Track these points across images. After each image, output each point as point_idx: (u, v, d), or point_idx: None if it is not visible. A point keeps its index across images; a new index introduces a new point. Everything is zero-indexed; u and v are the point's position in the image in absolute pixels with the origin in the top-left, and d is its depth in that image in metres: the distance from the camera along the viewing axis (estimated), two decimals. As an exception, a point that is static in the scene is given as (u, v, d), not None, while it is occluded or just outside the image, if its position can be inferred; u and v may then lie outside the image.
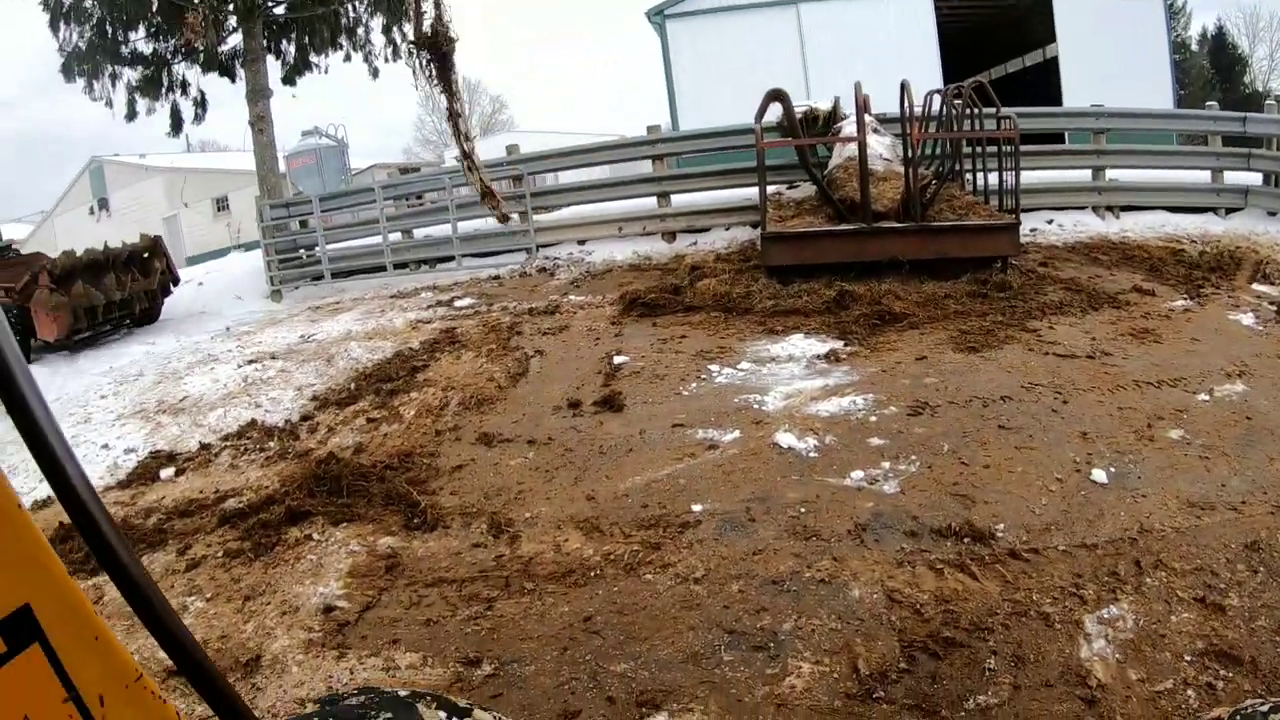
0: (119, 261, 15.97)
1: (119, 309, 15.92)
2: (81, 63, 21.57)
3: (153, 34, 22.02)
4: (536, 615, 4.40)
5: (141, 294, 16.35)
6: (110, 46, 21.56)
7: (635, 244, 14.93)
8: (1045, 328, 8.35)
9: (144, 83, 22.36)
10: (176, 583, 5.41)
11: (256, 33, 21.25)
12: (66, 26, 21.26)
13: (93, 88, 22.06)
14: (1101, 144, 14.58)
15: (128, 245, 16.68)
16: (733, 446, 6.21)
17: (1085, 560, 4.24)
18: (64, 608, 1.18)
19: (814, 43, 26.08)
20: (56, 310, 14.35)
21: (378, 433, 7.70)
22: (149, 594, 1.22)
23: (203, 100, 23.13)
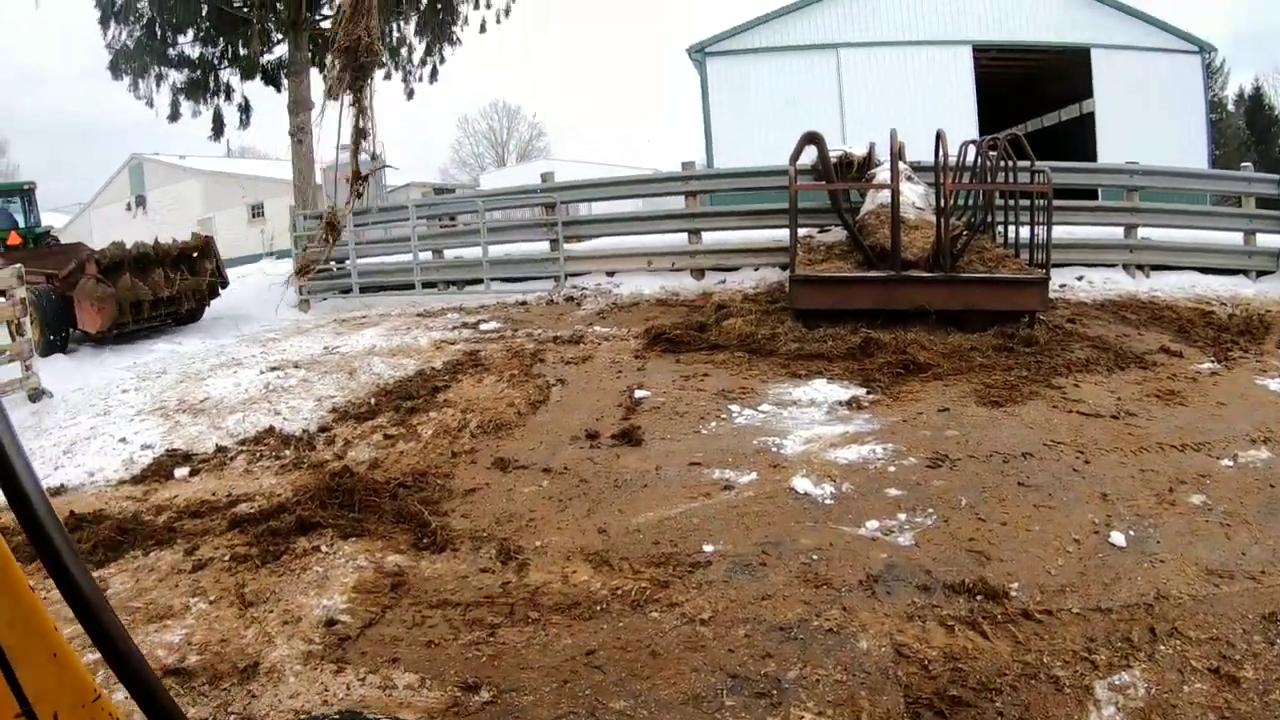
0: (169, 258, 15.91)
1: (165, 306, 15.85)
2: (129, 61, 22.04)
3: (201, 38, 22.48)
4: (539, 645, 4.36)
5: (189, 293, 16.24)
6: (158, 48, 22.05)
7: (664, 279, 14.97)
8: (1070, 385, 8.28)
9: (189, 86, 22.82)
10: (181, 582, 5.40)
11: (302, 45, 21.60)
12: (117, 24, 21.74)
13: (138, 86, 22.57)
14: (1135, 202, 14.57)
15: (179, 242, 16.63)
16: (749, 488, 6.17)
17: (1099, 624, 4.16)
18: (23, 622, 1.16)
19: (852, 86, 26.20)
20: (101, 301, 14.30)
21: (394, 450, 7.71)
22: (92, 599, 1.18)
23: (246, 107, 23.61)
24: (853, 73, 26.35)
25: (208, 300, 17.14)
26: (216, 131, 23.65)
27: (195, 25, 22.07)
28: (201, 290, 16.64)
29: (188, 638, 4.69)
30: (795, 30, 26.71)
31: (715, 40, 26.95)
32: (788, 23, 26.72)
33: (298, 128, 21.85)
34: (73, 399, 10.81)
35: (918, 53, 26.15)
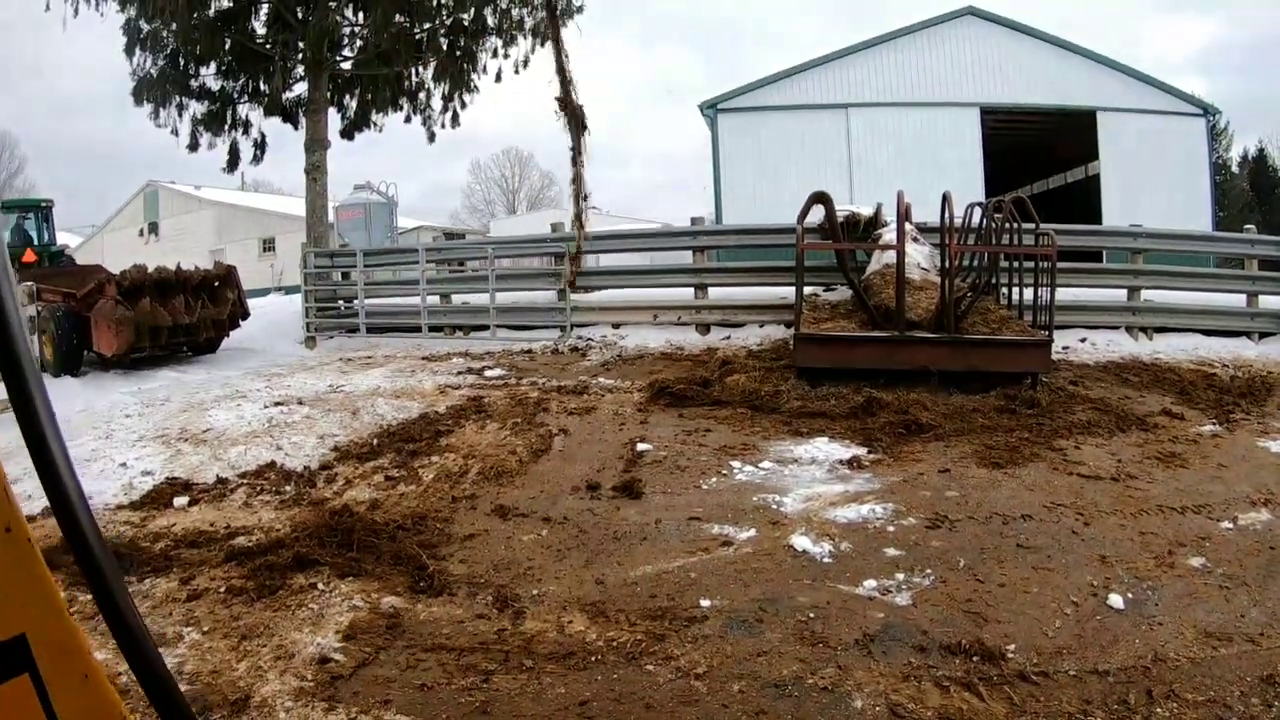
0: (190, 285, 15.70)
1: (184, 334, 15.62)
2: (151, 89, 22.27)
3: (222, 72, 22.79)
4: (532, 694, 4.34)
5: (209, 322, 16.03)
6: (181, 78, 22.42)
7: (669, 333, 15.05)
8: (1071, 447, 8.28)
9: (208, 117, 23.15)
10: (175, 611, 5.40)
11: (322, 84, 21.90)
12: (142, 53, 22.10)
13: (159, 115, 22.90)
14: (1138, 264, 14.72)
15: (201, 270, 16.53)
16: (747, 545, 6.16)
17: (1096, 687, 4.14)
18: (59, 642, 1.19)
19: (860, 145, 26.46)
20: (120, 324, 14.03)
21: (394, 491, 7.72)
22: (131, 621, 1.22)
23: (262, 142, 23.91)
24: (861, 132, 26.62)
25: (227, 330, 16.96)
26: (232, 164, 23.93)
27: (218, 59, 22.38)
28: (222, 320, 16.42)
29: (179, 667, 4.67)
30: (806, 89, 27.01)
31: (727, 97, 27.25)
32: (799, 82, 27.04)
33: (313, 165, 22.09)
34: (75, 420, 10.83)
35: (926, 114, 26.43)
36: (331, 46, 22.31)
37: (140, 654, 1.21)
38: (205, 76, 22.87)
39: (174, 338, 15.45)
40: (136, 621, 1.21)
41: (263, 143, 23.91)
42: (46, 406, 1.17)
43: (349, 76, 23.73)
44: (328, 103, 22.64)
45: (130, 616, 1.20)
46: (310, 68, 22.07)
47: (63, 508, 1.16)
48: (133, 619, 1.21)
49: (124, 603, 1.20)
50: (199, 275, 16.14)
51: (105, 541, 1.18)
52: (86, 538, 1.17)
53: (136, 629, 1.21)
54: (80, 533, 1.17)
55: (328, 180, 22.70)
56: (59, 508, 1.16)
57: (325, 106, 22.37)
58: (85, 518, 1.17)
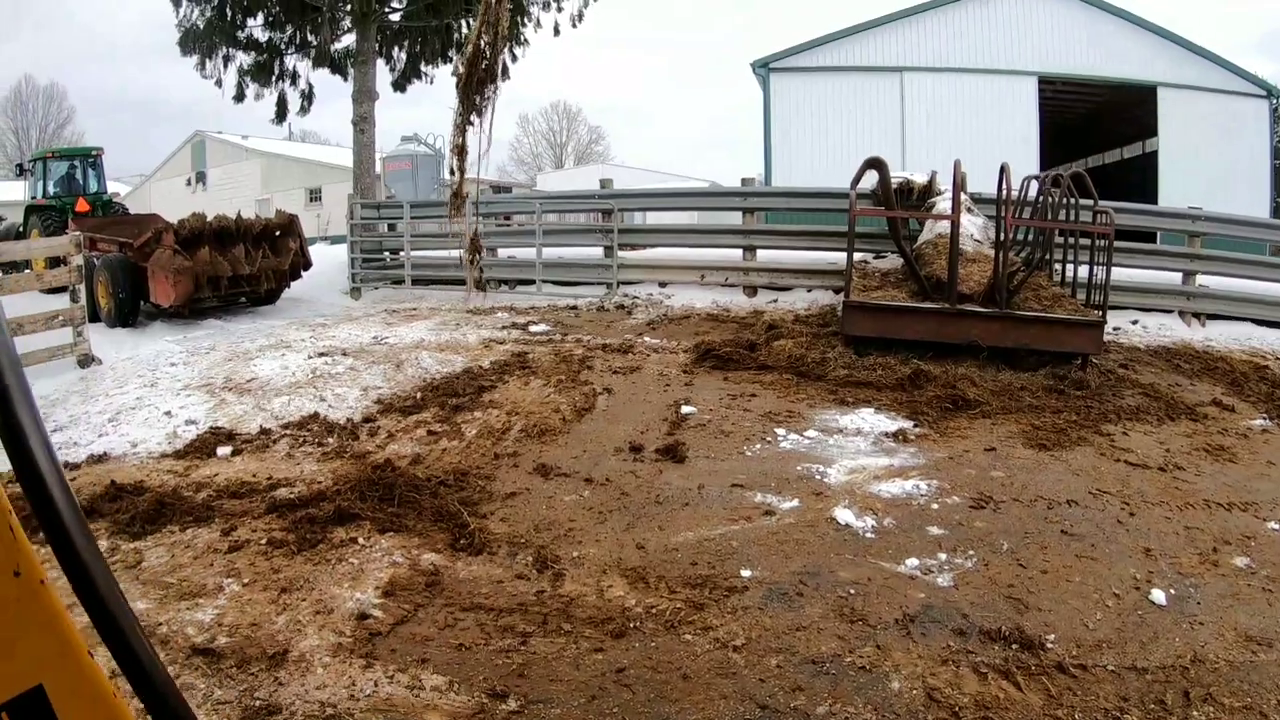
0: (251, 234, 15.35)
1: (244, 284, 15.28)
2: (198, 40, 22.26)
3: (270, 23, 22.72)
4: (570, 658, 4.36)
5: (270, 272, 15.68)
6: (228, 29, 22.32)
7: (716, 294, 14.98)
8: (1119, 433, 8.18)
9: (255, 69, 23.09)
10: (216, 562, 5.48)
11: (370, 36, 21.80)
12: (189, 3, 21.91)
13: (205, 66, 22.83)
14: (1196, 248, 14.36)
15: (262, 219, 16.22)
16: (790, 515, 6.15)
17: (1133, 683, 4.10)
18: (79, 690, 1.16)
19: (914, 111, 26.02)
20: (178, 274, 13.73)
21: (437, 446, 7.77)
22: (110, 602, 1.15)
23: (310, 93, 23.80)
24: (916, 97, 26.18)
25: (288, 281, 16.69)
26: (280, 115, 23.91)
27: (265, 9, 22.36)
28: (283, 270, 16.08)
29: (219, 618, 4.76)
30: (861, 51, 26.58)
31: (780, 56, 26.85)
32: (854, 43, 26.60)
33: (361, 117, 22.09)
34: (121, 368, 10.96)
35: (983, 81, 25.93)
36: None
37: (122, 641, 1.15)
38: (252, 27, 22.86)
39: (234, 288, 15.14)
40: (121, 608, 1.15)
41: (310, 94, 23.89)
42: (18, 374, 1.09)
43: (398, 28, 23.63)
44: (376, 54, 22.56)
45: (113, 602, 1.14)
46: (358, 19, 21.99)
47: (32, 481, 1.09)
48: (116, 604, 1.15)
49: (105, 587, 1.14)
50: (260, 224, 15.82)
51: (84, 521, 1.12)
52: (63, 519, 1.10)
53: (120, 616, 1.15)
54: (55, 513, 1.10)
55: (375, 132, 22.69)
56: (27, 481, 1.08)
57: (373, 58, 22.30)
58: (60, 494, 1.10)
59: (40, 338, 10.73)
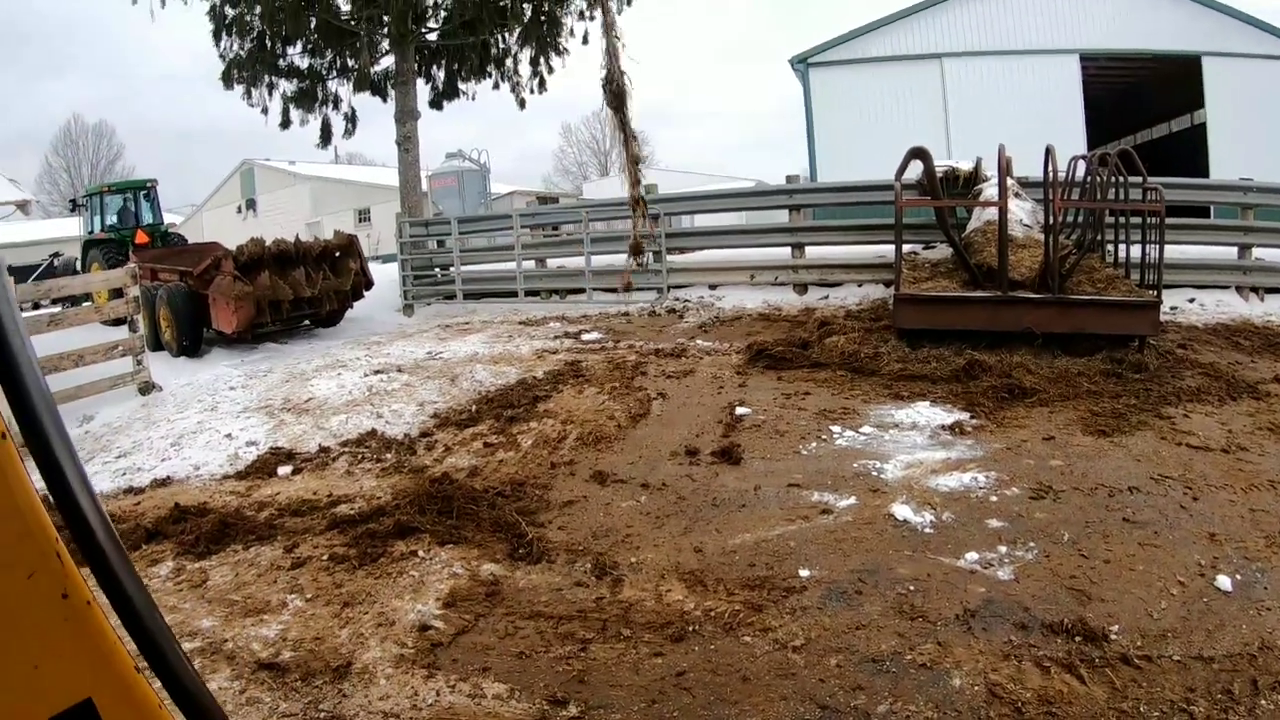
0: (310, 256, 15.30)
1: (306, 307, 15.27)
2: (241, 71, 22.59)
3: (309, 50, 23.09)
4: (630, 663, 4.40)
5: (331, 294, 15.64)
6: (269, 59, 22.72)
7: (766, 293, 14.95)
8: (1180, 415, 8.01)
9: (299, 95, 23.48)
10: (279, 579, 5.61)
11: (408, 57, 22.09)
12: (228, 37, 22.43)
13: (250, 95, 23.25)
14: (1250, 220, 14.03)
15: (320, 240, 16.15)
16: (847, 513, 6.13)
17: (1200, 673, 4.03)
18: (127, 702, 1.19)
19: (956, 97, 25.74)
20: (239, 300, 13.64)
21: (493, 458, 7.85)
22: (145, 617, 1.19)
23: (353, 116, 24.14)
24: (957, 83, 25.92)
25: (350, 302, 16.63)
26: (324, 139, 24.27)
27: (304, 37, 22.70)
28: (344, 291, 16.01)
29: (283, 633, 4.87)
30: (899, 40, 26.38)
31: (818, 51, 26.72)
32: (891, 32, 26.41)
33: (404, 136, 22.36)
34: (181, 394, 11.19)
35: (1024, 62, 25.59)
36: (416, 19, 22.44)
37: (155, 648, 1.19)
38: (293, 55, 23.25)
39: (295, 311, 15.14)
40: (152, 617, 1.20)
41: (353, 117, 24.24)
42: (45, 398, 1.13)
43: (435, 47, 23.89)
44: (415, 74, 22.84)
45: (146, 614, 1.19)
46: (396, 41, 22.25)
47: (65, 499, 1.13)
48: (148, 615, 1.19)
49: (136, 596, 1.18)
50: (319, 246, 15.78)
51: (115, 535, 1.16)
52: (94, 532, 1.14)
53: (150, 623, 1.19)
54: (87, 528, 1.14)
55: (419, 150, 22.94)
56: (60, 498, 1.13)
57: (413, 78, 22.58)
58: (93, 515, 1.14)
59: (101, 368, 11.00)
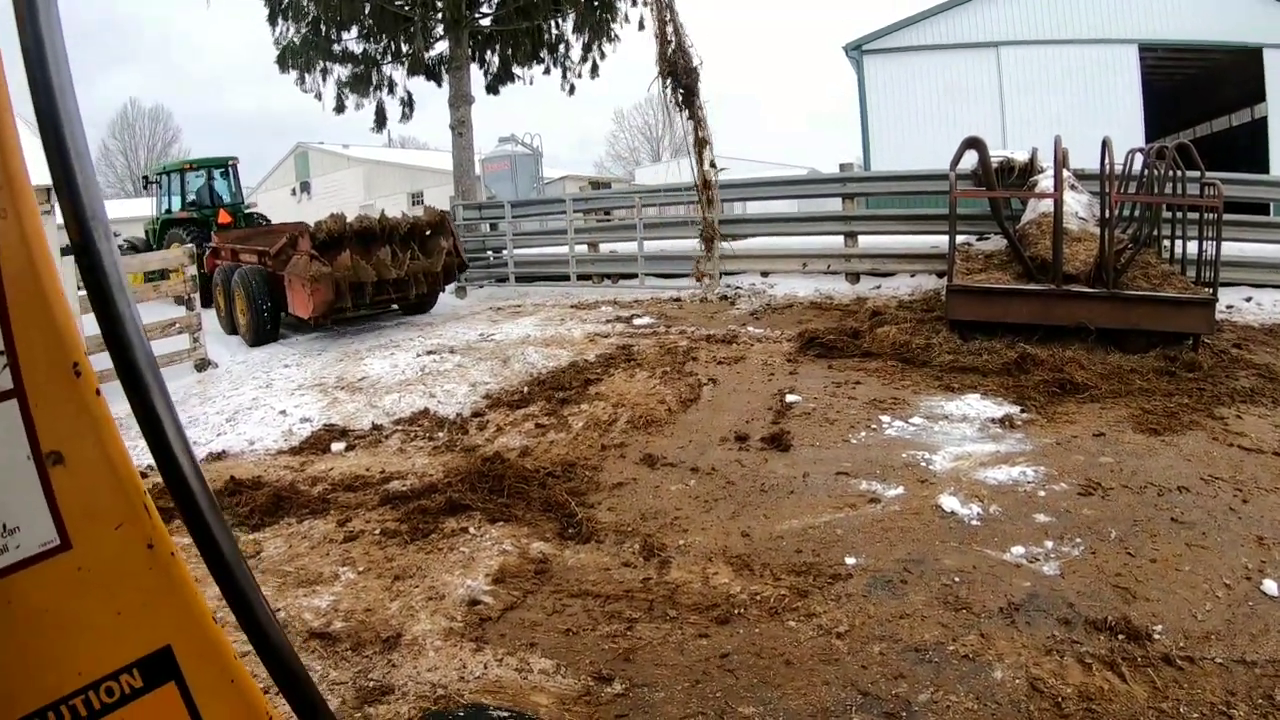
0: (397, 235, 14.08)
1: (392, 289, 14.01)
2: (295, 56, 22.97)
3: (364, 35, 23.43)
4: (675, 644, 4.47)
5: (420, 276, 14.30)
6: (323, 44, 23.11)
7: (818, 281, 14.95)
8: (1233, 416, 7.91)
9: (353, 80, 23.84)
10: (332, 551, 5.76)
11: (462, 41, 22.28)
12: (283, 22, 22.85)
13: (304, 80, 23.64)
14: (1311, 218, 13.81)
15: (409, 217, 14.80)
16: (895, 503, 6.17)
17: (1241, 677, 4.01)
18: (204, 650, 1.27)
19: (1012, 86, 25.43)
20: (316, 282, 12.58)
21: (544, 439, 7.97)
22: (244, 587, 1.27)
23: (409, 100, 24.48)
24: (1013, 72, 25.58)
25: (442, 285, 15.45)
26: (380, 123, 24.56)
27: (359, 22, 23.03)
28: (435, 273, 14.61)
29: (335, 604, 5.00)
30: (954, 27, 26.08)
31: (872, 38, 26.50)
32: (947, 19, 26.11)
33: (458, 121, 22.56)
34: (236, 370, 11.44)
35: (1081, 52, 25.17)
36: (470, 4, 22.68)
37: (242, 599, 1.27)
38: (347, 41, 23.64)
39: (380, 294, 13.87)
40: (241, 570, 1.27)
41: (409, 101, 24.60)
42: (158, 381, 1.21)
43: (489, 33, 24.11)
44: (469, 59, 23.11)
45: (235, 566, 1.26)
46: (449, 26, 22.48)
47: (165, 459, 1.20)
48: (237, 567, 1.26)
49: (228, 549, 1.25)
50: (407, 223, 14.45)
51: (209, 489, 1.24)
52: (204, 515, 1.23)
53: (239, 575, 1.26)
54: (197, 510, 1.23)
55: (473, 134, 23.14)
56: (159, 453, 1.20)
57: (467, 63, 22.83)
58: (190, 471, 1.22)
59: (159, 344, 11.16)
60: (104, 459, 1.18)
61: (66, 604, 1.18)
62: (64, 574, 1.17)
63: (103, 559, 1.20)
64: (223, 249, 15.66)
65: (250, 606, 1.28)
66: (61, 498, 1.16)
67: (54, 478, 1.15)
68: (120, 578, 1.21)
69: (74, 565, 1.18)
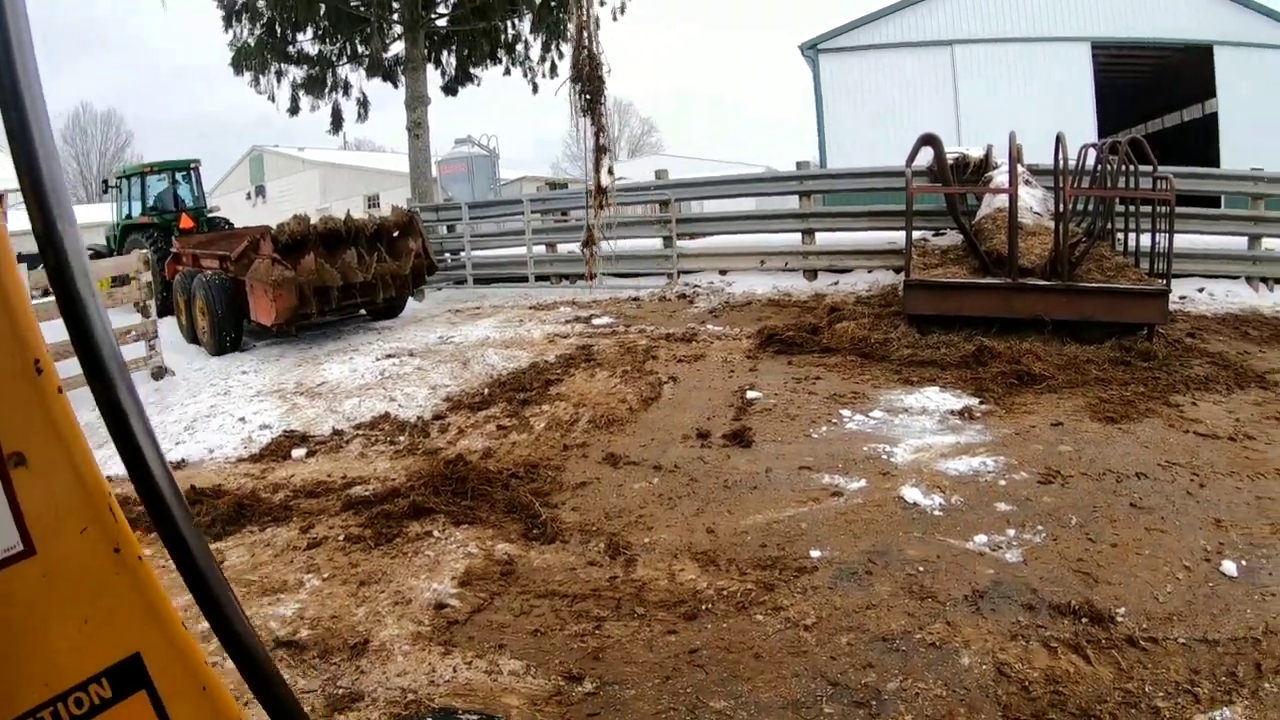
0: (363, 236, 13.41)
1: (359, 294, 13.30)
2: (250, 58, 22.72)
3: (319, 36, 23.23)
4: (644, 641, 4.47)
5: (388, 278, 13.61)
6: (278, 45, 22.91)
7: (776, 279, 15.00)
8: (1188, 403, 8.06)
9: (308, 81, 23.66)
10: (296, 559, 5.70)
11: (419, 42, 22.19)
12: (238, 24, 22.50)
13: (259, 82, 23.41)
14: (1260, 210, 14.03)
15: (375, 218, 14.24)
16: (857, 495, 6.20)
17: (1204, 656, 4.08)
18: (174, 657, 1.25)
19: (967, 84, 25.66)
20: (279, 287, 11.92)
21: (507, 440, 7.93)
22: (216, 590, 1.24)
23: (364, 101, 24.31)
24: (968, 70, 25.83)
25: (411, 288, 14.83)
26: (335, 125, 24.41)
27: (314, 24, 22.85)
28: (404, 275, 13.93)
29: (300, 612, 4.94)
30: (909, 26, 26.28)
31: (827, 37, 26.65)
32: (901, 18, 26.32)
33: (414, 122, 22.43)
34: (194, 378, 11.27)
35: (1035, 50, 25.46)
36: (426, 4, 22.60)
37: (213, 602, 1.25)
38: (303, 42, 23.43)
39: (346, 299, 13.14)
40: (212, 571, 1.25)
41: (365, 102, 24.46)
42: (127, 383, 1.18)
43: (445, 33, 23.98)
44: (426, 60, 22.96)
45: (217, 588, 1.24)
46: (406, 27, 22.38)
47: (145, 484, 1.18)
48: (208, 569, 1.24)
49: (198, 551, 1.23)
50: (373, 224, 13.86)
51: (179, 491, 1.21)
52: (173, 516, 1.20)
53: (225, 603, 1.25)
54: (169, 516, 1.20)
55: (429, 136, 23.02)
56: (141, 484, 1.18)
57: (423, 64, 22.68)
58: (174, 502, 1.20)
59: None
60: (67, 460, 1.15)
61: (31, 611, 1.15)
62: (28, 580, 1.14)
63: (68, 564, 1.16)
64: (184, 254, 15.03)
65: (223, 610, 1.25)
66: (24, 501, 1.13)
67: (16, 480, 1.12)
68: (87, 583, 1.18)
69: (39, 571, 1.14)
